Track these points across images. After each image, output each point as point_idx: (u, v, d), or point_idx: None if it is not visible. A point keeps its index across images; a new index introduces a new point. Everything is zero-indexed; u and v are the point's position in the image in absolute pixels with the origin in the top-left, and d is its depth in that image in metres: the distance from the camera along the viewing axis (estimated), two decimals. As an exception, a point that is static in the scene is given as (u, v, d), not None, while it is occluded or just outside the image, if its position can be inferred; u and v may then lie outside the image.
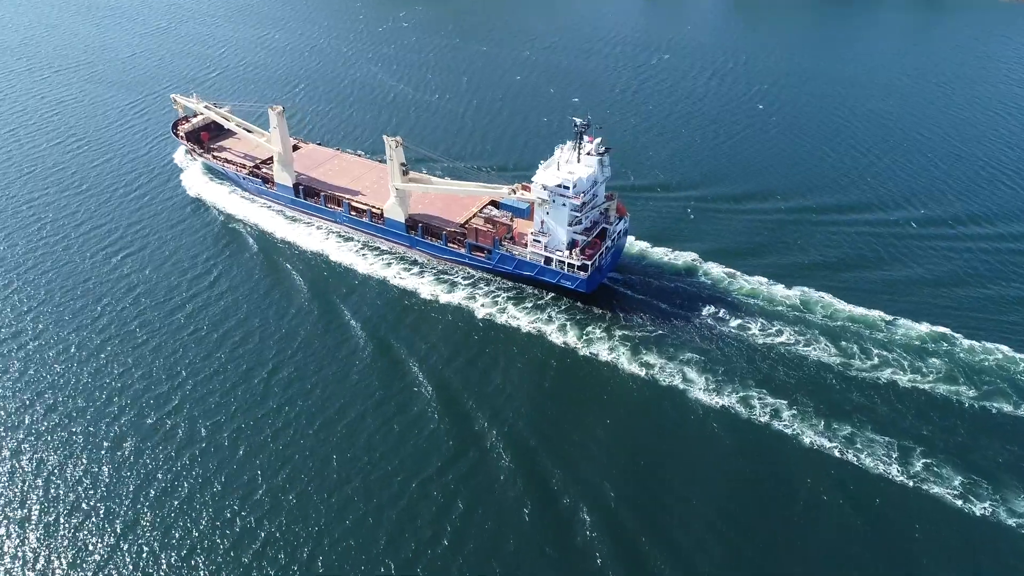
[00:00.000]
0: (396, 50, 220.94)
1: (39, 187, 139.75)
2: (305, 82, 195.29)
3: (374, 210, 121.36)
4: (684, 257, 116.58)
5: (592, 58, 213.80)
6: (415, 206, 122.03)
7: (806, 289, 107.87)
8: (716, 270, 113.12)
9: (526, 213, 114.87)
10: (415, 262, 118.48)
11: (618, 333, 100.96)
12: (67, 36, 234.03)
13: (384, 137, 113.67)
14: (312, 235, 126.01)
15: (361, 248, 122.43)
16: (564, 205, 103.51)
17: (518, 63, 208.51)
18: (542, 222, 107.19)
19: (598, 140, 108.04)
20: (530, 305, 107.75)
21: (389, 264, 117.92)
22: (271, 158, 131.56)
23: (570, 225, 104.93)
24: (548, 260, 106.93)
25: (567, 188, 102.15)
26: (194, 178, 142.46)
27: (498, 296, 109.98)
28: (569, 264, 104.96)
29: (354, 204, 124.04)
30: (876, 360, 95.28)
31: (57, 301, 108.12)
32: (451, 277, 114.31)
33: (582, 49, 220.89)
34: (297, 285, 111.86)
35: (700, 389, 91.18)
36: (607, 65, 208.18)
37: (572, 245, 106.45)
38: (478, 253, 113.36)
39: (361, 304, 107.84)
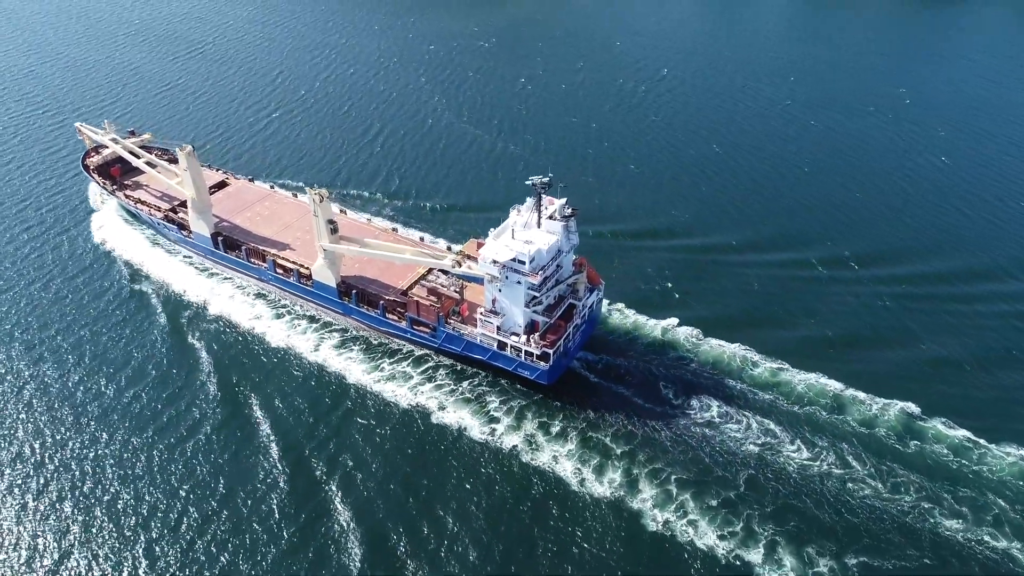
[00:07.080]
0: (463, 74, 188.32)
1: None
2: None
3: (302, 270, 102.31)
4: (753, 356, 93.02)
5: (714, 95, 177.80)
6: (351, 265, 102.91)
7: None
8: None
9: (481, 279, 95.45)
10: (354, 335, 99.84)
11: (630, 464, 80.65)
12: None
13: (307, 190, 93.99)
14: (236, 297, 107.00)
15: (294, 318, 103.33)
16: (519, 283, 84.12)
17: (626, 98, 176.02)
18: (494, 300, 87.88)
19: (562, 201, 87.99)
20: (496, 401, 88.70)
21: (318, 334, 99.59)
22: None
23: (528, 305, 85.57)
24: (502, 344, 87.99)
25: (523, 263, 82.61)
26: (106, 222, 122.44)
27: (445, 381, 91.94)
28: (527, 352, 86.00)
29: (280, 261, 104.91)
30: None
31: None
32: (389, 357, 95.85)
33: (700, 85, 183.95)
34: (206, 383, 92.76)
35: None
36: (735, 105, 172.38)
37: (531, 327, 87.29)
38: (421, 328, 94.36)
39: (281, 404, 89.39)
